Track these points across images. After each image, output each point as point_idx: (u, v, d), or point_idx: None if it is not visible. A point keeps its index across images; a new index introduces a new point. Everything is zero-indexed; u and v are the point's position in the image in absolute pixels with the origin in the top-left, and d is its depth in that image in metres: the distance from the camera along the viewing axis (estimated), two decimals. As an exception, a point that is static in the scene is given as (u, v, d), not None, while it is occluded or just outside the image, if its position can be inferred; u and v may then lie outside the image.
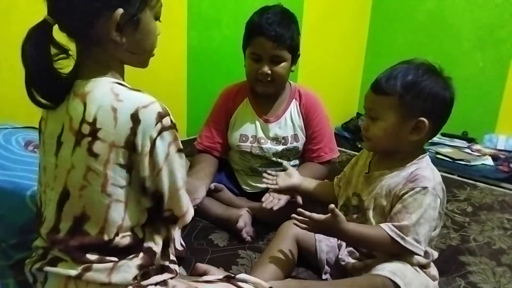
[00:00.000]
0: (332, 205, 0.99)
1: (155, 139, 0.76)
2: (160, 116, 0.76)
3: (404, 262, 1.01)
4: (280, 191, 1.29)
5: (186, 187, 0.85)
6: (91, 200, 0.78)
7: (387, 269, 0.97)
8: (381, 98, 1.04)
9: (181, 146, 0.81)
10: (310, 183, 1.31)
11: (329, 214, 0.99)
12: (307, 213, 1.02)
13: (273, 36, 1.38)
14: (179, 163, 0.81)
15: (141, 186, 0.79)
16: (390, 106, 1.03)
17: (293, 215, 1.05)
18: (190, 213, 0.86)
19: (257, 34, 1.41)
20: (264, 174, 1.34)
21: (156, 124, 0.76)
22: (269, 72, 1.42)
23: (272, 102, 1.55)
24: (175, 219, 0.85)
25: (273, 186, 1.29)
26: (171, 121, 0.79)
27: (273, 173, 1.34)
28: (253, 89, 1.53)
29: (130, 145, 0.75)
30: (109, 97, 0.76)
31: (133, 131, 0.75)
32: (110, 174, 0.76)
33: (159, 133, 0.76)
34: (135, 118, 0.75)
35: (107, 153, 0.75)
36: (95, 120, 0.75)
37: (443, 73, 1.06)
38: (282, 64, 1.43)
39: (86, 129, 0.76)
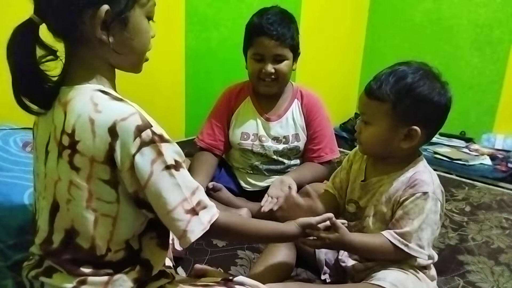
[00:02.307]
0: (331, 215, 0.96)
1: (133, 156, 0.70)
2: (139, 130, 0.70)
3: (406, 271, 1.00)
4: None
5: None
6: (78, 215, 0.74)
7: (388, 280, 0.96)
8: (374, 103, 1.00)
9: (172, 162, 0.73)
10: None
11: (332, 230, 0.95)
12: (315, 232, 0.95)
13: (275, 36, 1.41)
14: (170, 182, 0.72)
15: (135, 199, 0.74)
16: (383, 112, 0.99)
17: (301, 239, 0.97)
18: (189, 238, 0.74)
19: (259, 35, 1.43)
20: (263, 203, 1.32)
21: (134, 139, 0.69)
22: (273, 70, 1.45)
23: (274, 101, 1.57)
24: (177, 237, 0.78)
25: (277, 206, 1.26)
26: (154, 133, 0.71)
27: (270, 198, 1.32)
28: (256, 90, 1.54)
29: (111, 161, 0.71)
30: (88, 107, 0.71)
31: (112, 147, 0.70)
32: (94, 189, 0.72)
33: (138, 149, 0.70)
34: (112, 132, 0.69)
35: (88, 167, 0.71)
36: (73, 131, 0.71)
37: (441, 77, 1.01)
38: (285, 62, 1.46)
39: (66, 140, 0.72)
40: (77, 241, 0.76)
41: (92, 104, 0.72)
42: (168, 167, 0.72)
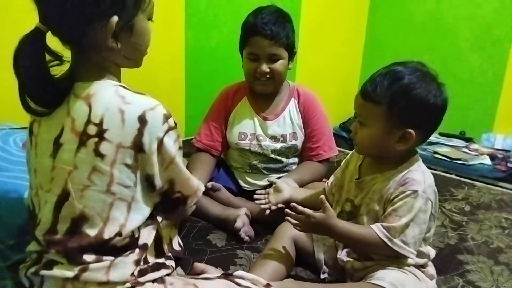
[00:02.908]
0: (322, 196, 1.00)
1: (162, 138, 0.81)
2: (166, 118, 0.82)
3: (405, 271, 1.00)
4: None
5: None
6: (93, 200, 0.79)
7: (388, 279, 0.96)
8: (369, 105, 1.00)
9: (181, 144, 0.89)
10: (301, 195, 1.30)
11: (321, 209, 1.00)
12: (300, 207, 1.02)
13: (269, 35, 1.40)
14: (181, 159, 0.89)
15: (149, 183, 0.83)
16: (377, 114, 0.99)
17: (286, 210, 1.06)
18: (201, 189, 0.98)
19: (253, 34, 1.43)
20: (255, 196, 1.37)
21: (163, 125, 0.81)
22: (268, 70, 1.45)
23: (271, 100, 1.57)
24: (185, 199, 0.94)
25: (266, 206, 1.31)
26: (174, 121, 0.85)
27: (263, 192, 1.37)
28: (252, 88, 1.54)
29: (137, 145, 0.79)
30: (115, 99, 0.79)
31: (140, 132, 0.78)
32: (116, 173, 0.79)
33: (166, 132, 0.82)
34: (142, 120, 0.78)
35: (114, 153, 0.78)
36: (102, 121, 0.77)
37: (437, 78, 1.00)
38: (280, 62, 1.46)
39: (92, 130, 0.77)
40: (83, 228, 0.79)
41: (119, 97, 0.79)
42: (180, 148, 0.88)
